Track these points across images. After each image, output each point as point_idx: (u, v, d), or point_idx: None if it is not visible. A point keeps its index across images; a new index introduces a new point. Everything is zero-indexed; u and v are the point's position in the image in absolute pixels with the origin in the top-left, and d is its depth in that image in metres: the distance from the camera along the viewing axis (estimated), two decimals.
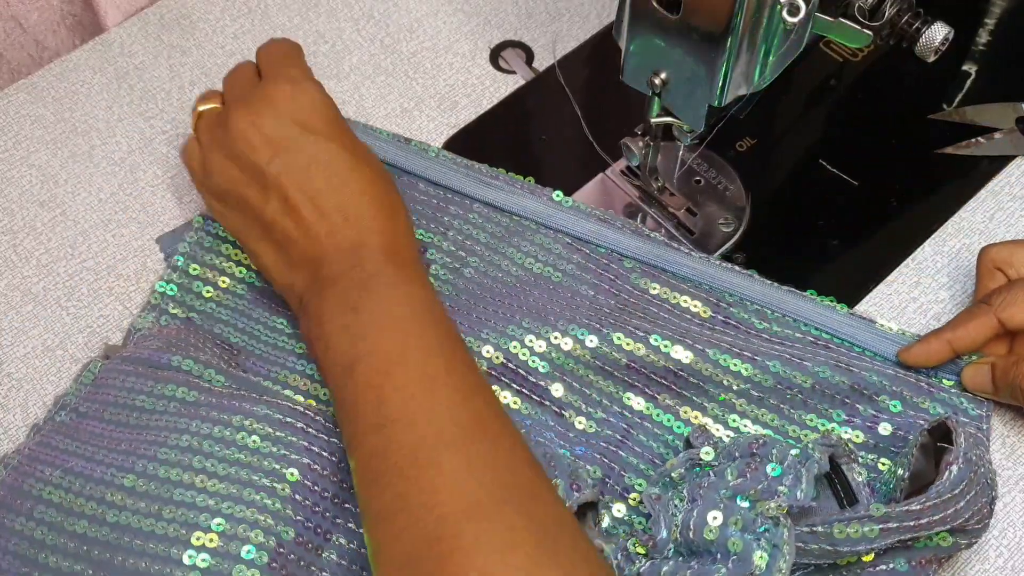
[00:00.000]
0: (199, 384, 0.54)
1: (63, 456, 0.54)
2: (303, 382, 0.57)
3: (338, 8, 0.74)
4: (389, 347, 0.49)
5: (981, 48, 0.70)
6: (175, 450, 0.52)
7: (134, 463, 0.52)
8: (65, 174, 0.67)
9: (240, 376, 0.56)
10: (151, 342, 0.57)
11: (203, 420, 0.53)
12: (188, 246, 0.62)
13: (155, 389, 0.54)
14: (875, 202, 0.64)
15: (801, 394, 0.55)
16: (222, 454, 0.52)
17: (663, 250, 0.60)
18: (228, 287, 0.61)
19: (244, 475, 0.51)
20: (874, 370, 0.55)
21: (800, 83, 0.69)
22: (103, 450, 0.53)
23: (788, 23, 0.49)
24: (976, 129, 0.66)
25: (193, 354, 0.56)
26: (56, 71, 0.71)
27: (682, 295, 0.59)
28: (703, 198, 0.64)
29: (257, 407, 0.53)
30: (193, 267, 0.61)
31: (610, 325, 0.57)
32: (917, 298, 0.61)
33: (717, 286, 0.59)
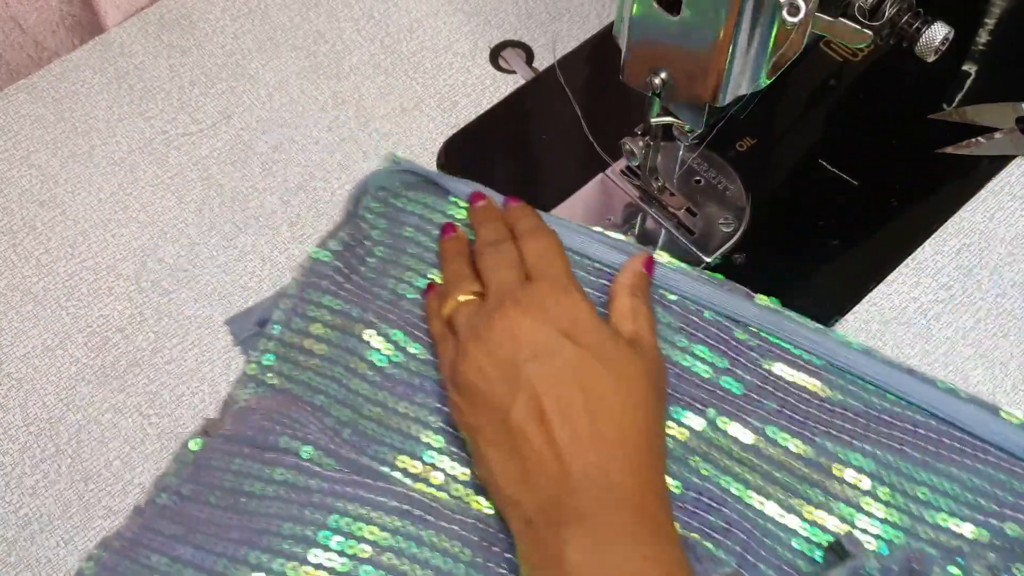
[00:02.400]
0: (309, 468, 0.53)
1: (170, 543, 0.52)
2: (412, 464, 0.55)
3: (338, 8, 0.74)
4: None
5: (981, 48, 0.70)
6: (290, 540, 0.51)
7: (247, 554, 0.51)
8: (65, 174, 0.67)
9: (350, 459, 0.54)
10: (253, 418, 0.55)
11: (316, 508, 0.52)
12: (284, 314, 0.60)
13: (263, 473, 0.53)
14: (875, 202, 0.64)
15: (927, 490, 0.53)
16: (339, 547, 0.51)
17: (778, 318, 0.57)
18: (326, 354, 0.58)
19: (363, 572, 0.50)
20: (1000, 467, 0.53)
21: (800, 83, 0.69)
22: (212, 538, 0.52)
23: (788, 23, 0.49)
24: (976, 129, 0.66)
25: (300, 434, 0.54)
26: (56, 71, 0.71)
27: (799, 371, 0.56)
28: (703, 198, 0.64)
29: (372, 494, 0.52)
30: (291, 337, 0.59)
31: (718, 407, 0.55)
32: (917, 298, 0.61)
33: (839, 363, 0.56)
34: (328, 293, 0.60)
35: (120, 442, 0.58)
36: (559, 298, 0.53)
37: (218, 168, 0.67)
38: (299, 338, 0.59)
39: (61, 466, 0.58)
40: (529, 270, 0.56)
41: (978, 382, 0.59)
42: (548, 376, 0.50)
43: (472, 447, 0.53)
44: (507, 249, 0.57)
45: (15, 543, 0.56)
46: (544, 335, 0.51)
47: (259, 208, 0.66)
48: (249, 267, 0.64)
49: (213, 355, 0.61)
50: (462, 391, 0.53)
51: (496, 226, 0.60)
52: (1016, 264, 0.62)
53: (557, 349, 0.51)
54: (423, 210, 0.62)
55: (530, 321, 0.52)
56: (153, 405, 0.59)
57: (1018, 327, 0.60)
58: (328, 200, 0.66)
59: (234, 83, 0.71)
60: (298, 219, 0.65)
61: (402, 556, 0.51)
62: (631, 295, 0.56)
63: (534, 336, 0.51)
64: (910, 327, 0.60)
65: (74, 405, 0.59)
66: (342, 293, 0.60)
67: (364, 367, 0.57)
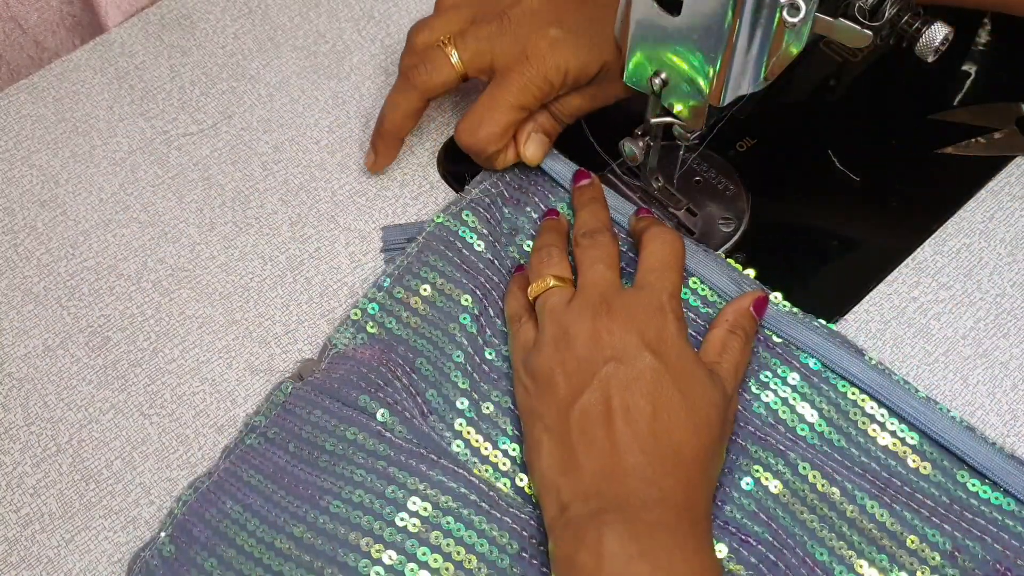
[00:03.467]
0: (381, 433, 0.54)
1: (245, 490, 0.54)
2: (484, 444, 0.56)
3: (338, 8, 0.74)
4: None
5: (981, 48, 0.70)
6: (347, 504, 0.53)
7: (306, 512, 0.53)
8: (66, 174, 0.67)
9: (421, 431, 0.55)
10: (343, 367, 0.57)
11: (379, 476, 0.53)
12: (397, 270, 0.60)
13: (338, 430, 0.55)
14: (875, 202, 0.64)
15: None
16: (391, 517, 0.52)
17: (886, 381, 0.56)
18: (426, 315, 0.59)
19: (409, 546, 0.52)
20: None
21: (800, 83, 0.69)
22: (282, 490, 0.54)
23: (788, 23, 0.49)
24: (976, 129, 0.66)
25: (380, 395, 0.56)
26: (57, 71, 0.71)
27: (895, 438, 0.55)
28: (703, 198, 0.64)
29: (433, 471, 0.53)
30: (398, 290, 0.60)
31: (802, 454, 0.54)
32: (917, 298, 0.61)
33: (939, 439, 0.55)
34: (445, 260, 0.60)
35: (121, 442, 0.58)
36: (652, 313, 0.53)
37: (219, 168, 0.67)
38: (407, 295, 0.60)
39: (62, 466, 0.58)
40: (638, 273, 0.55)
41: (978, 382, 0.59)
42: (621, 380, 0.51)
43: (527, 430, 0.54)
44: (605, 242, 0.57)
45: (16, 543, 0.56)
46: (627, 342, 0.52)
47: (259, 208, 0.66)
48: (249, 267, 0.64)
49: (213, 355, 0.61)
50: (534, 377, 0.53)
51: (596, 212, 0.59)
52: (1016, 264, 0.62)
53: (636, 356, 0.51)
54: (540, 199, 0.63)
55: (617, 327, 0.52)
56: (153, 405, 0.59)
57: (1018, 327, 0.60)
58: (328, 200, 0.66)
59: (235, 83, 0.71)
60: (298, 219, 0.65)
61: (450, 537, 0.52)
62: (728, 330, 0.55)
63: (617, 341, 0.52)
64: (910, 327, 0.60)
65: (75, 405, 0.59)
66: (457, 261, 0.60)
67: (460, 335, 0.58)
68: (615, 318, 0.52)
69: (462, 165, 0.66)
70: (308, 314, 0.62)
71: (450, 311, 0.59)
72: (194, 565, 0.53)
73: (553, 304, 0.55)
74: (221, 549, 0.53)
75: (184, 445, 0.58)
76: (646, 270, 0.55)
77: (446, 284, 0.59)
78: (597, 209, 0.60)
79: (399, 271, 0.60)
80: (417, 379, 0.57)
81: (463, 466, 0.54)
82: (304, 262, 0.64)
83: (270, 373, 0.60)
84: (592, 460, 0.50)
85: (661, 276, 0.55)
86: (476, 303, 0.59)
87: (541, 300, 0.56)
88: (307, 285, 0.63)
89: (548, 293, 0.56)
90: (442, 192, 0.66)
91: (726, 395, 0.53)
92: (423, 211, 0.65)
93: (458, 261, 0.60)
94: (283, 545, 0.52)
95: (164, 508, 0.56)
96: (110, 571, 0.55)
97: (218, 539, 0.53)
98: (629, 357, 0.51)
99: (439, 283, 0.59)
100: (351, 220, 0.65)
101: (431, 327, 0.59)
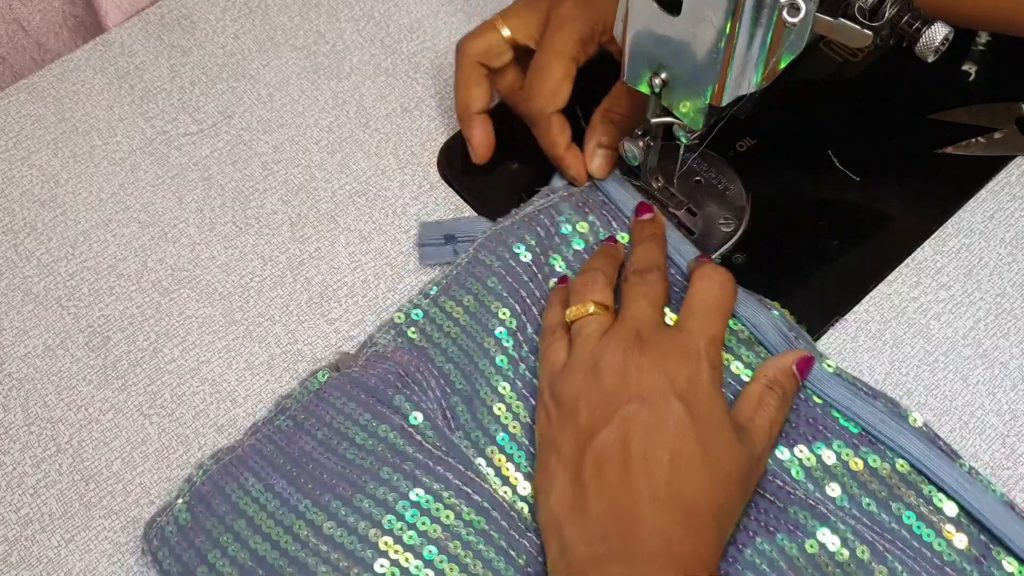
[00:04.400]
0: (412, 435, 0.54)
1: (268, 470, 0.54)
2: (506, 465, 0.55)
3: (338, 8, 0.74)
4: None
5: (981, 48, 0.70)
6: (371, 500, 0.53)
7: (329, 502, 0.53)
8: (66, 174, 0.67)
9: (450, 440, 0.55)
10: (381, 366, 0.57)
11: (405, 476, 0.53)
12: (446, 279, 0.60)
13: (370, 425, 0.55)
14: (875, 202, 0.64)
15: None
16: (412, 520, 0.52)
17: (929, 449, 0.54)
18: (466, 325, 0.58)
19: (427, 552, 0.51)
20: None
21: (800, 83, 0.69)
22: (306, 475, 0.54)
23: (788, 23, 0.49)
24: (976, 129, 0.66)
25: (415, 399, 0.56)
26: (57, 71, 0.71)
27: (935, 516, 0.53)
28: (703, 198, 0.64)
29: (459, 481, 0.53)
30: (443, 299, 0.59)
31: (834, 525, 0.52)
32: (917, 298, 0.61)
33: (980, 517, 0.52)
34: (491, 271, 0.59)
35: (121, 442, 0.58)
36: (687, 358, 0.51)
37: (219, 168, 0.67)
38: (451, 304, 0.59)
39: (62, 466, 0.58)
40: (681, 313, 0.54)
41: (978, 382, 0.59)
42: (644, 423, 0.49)
43: (543, 458, 0.52)
44: (654, 281, 0.55)
45: (16, 543, 0.56)
46: (655, 384, 0.50)
47: (259, 208, 0.66)
48: (249, 267, 0.64)
49: (213, 355, 0.61)
50: (558, 402, 0.52)
51: (653, 250, 0.58)
52: (1016, 264, 0.62)
53: (662, 401, 0.49)
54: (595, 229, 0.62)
55: (647, 365, 0.50)
56: (153, 405, 0.59)
57: (1018, 327, 0.60)
58: (328, 200, 0.66)
59: (235, 83, 0.71)
60: (298, 219, 0.65)
61: (468, 548, 0.52)
62: (767, 386, 0.53)
63: (645, 380, 0.50)
64: (910, 327, 0.60)
65: (75, 405, 0.60)
66: (502, 273, 0.59)
67: (495, 348, 0.58)
68: (647, 356, 0.51)
69: (462, 165, 0.66)
70: (308, 314, 0.62)
71: (487, 323, 0.58)
72: (208, 536, 0.53)
73: (589, 331, 0.53)
74: (238, 525, 0.53)
75: (184, 445, 0.58)
76: (689, 312, 0.54)
77: (487, 296, 0.59)
78: (654, 247, 0.58)
79: (447, 280, 0.60)
80: (449, 391, 0.57)
81: (488, 480, 0.54)
82: (304, 262, 0.64)
83: (270, 373, 0.60)
84: (602, 502, 0.48)
85: (703, 320, 0.53)
86: (515, 317, 0.58)
87: (578, 325, 0.54)
88: (307, 285, 0.63)
89: (587, 320, 0.54)
90: (442, 192, 0.66)
91: (753, 454, 0.51)
92: (423, 211, 0.65)
93: (503, 273, 0.59)
94: (301, 531, 0.52)
95: None
96: (110, 571, 0.55)
97: (235, 514, 0.53)
98: (655, 400, 0.50)
99: (481, 294, 0.59)
100: (351, 220, 0.65)
101: (468, 338, 0.58)
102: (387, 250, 0.64)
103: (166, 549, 0.53)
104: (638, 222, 0.61)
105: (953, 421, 0.57)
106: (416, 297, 0.60)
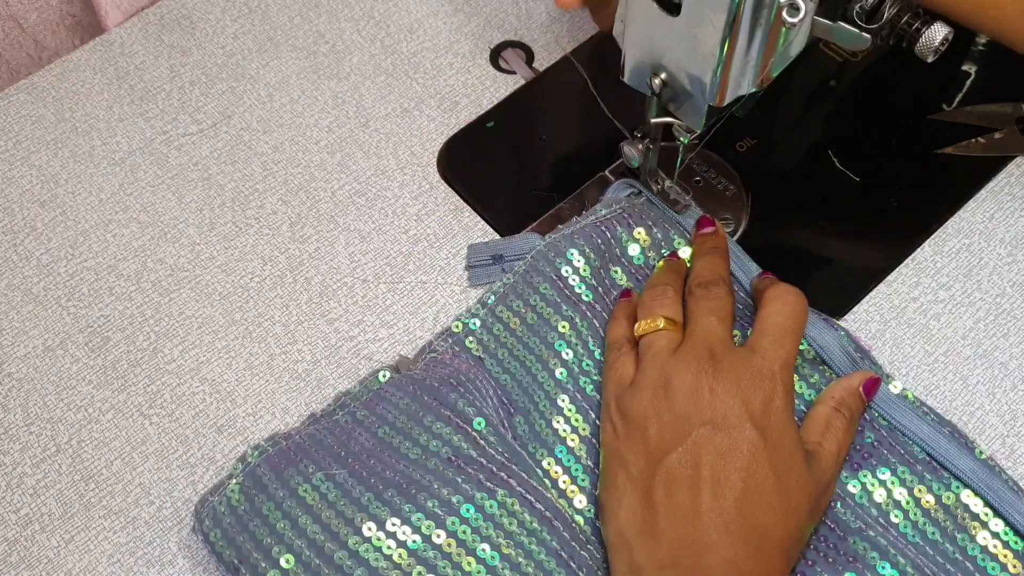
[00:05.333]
0: (476, 439, 0.54)
1: (329, 459, 0.54)
2: (562, 477, 0.55)
3: (338, 8, 0.74)
4: None
5: (981, 48, 0.70)
6: (435, 500, 0.52)
7: (392, 498, 0.52)
8: (65, 174, 0.67)
9: (513, 446, 0.55)
10: (440, 370, 0.57)
11: (469, 480, 0.53)
12: (503, 287, 0.60)
13: (433, 426, 0.55)
14: (875, 202, 0.64)
15: None
16: (476, 524, 0.52)
17: (993, 479, 0.53)
18: (523, 337, 0.58)
19: (490, 558, 0.51)
20: None
21: (800, 83, 0.69)
22: (367, 469, 0.53)
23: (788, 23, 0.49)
24: (976, 129, 0.66)
25: (477, 404, 0.55)
26: (57, 71, 0.71)
27: (998, 542, 0.52)
28: (703, 198, 0.64)
29: (522, 488, 0.53)
30: (500, 309, 0.59)
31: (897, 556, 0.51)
32: (917, 298, 0.61)
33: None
34: (549, 282, 0.58)
35: (121, 442, 0.58)
36: (761, 381, 0.50)
37: (218, 168, 0.67)
38: (508, 314, 0.59)
39: (61, 466, 0.58)
40: (753, 335, 0.53)
41: (978, 382, 0.59)
42: (716, 447, 0.48)
43: (610, 473, 0.52)
44: (720, 295, 0.54)
45: (15, 543, 0.56)
46: (729, 408, 0.49)
47: (259, 208, 0.66)
48: (249, 267, 0.64)
49: (213, 355, 0.61)
50: (626, 418, 0.52)
51: (716, 262, 0.57)
52: (1016, 264, 0.62)
53: (736, 426, 0.49)
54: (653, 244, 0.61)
55: (721, 388, 0.50)
56: (153, 405, 0.59)
57: (1018, 327, 0.60)
58: (328, 200, 0.66)
59: (234, 83, 0.71)
60: (298, 219, 0.65)
61: (530, 558, 0.51)
62: (834, 408, 0.53)
63: (719, 404, 0.49)
64: (910, 327, 0.60)
65: (75, 405, 0.60)
66: (560, 285, 0.58)
67: (554, 361, 0.57)
68: (720, 378, 0.50)
69: (462, 166, 0.66)
70: (308, 314, 0.62)
71: (546, 335, 0.57)
72: (264, 521, 0.52)
73: (659, 348, 0.53)
74: (296, 512, 0.52)
75: (184, 445, 0.58)
76: (762, 333, 0.53)
77: (546, 308, 0.58)
78: (717, 260, 0.57)
79: (504, 289, 0.60)
80: (507, 401, 0.57)
81: (548, 490, 0.54)
82: (304, 262, 0.64)
83: (270, 373, 0.60)
84: (673, 527, 0.48)
85: (776, 342, 0.52)
86: (574, 330, 0.57)
87: (647, 340, 0.54)
88: (307, 285, 0.63)
89: (656, 335, 0.53)
90: (442, 192, 0.66)
91: (823, 481, 0.50)
92: (423, 211, 0.65)
93: (560, 285, 0.58)
94: (363, 524, 0.52)
95: (164, 508, 0.56)
96: (110, 571, 0.55)
97: (294, 500, 0.53)
98: (729, 425, 0.49)
99: (540, 306, 0.58)
100: (351, 220, 0.65)
101: (527, 351, 0.58)
102: (387, 250, 0.64)
103: (218, 530, 0.53)
104: (700, 235, 0.59)
105: (953, 421, 0.57)
106: (474, 306, 0.60)
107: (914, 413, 0.55)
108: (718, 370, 0.50)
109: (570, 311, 0.58)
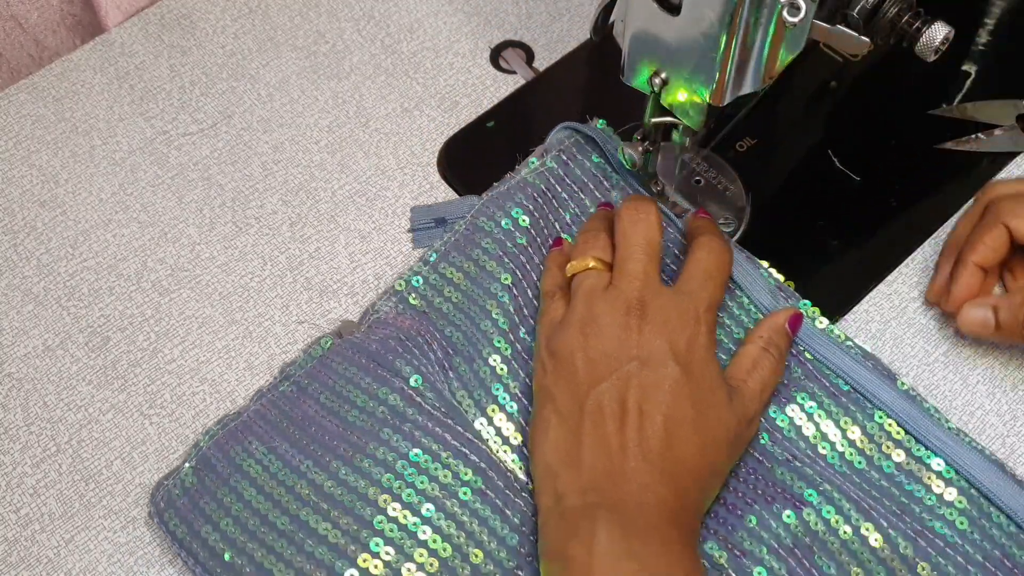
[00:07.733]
0: (412, 396, 0.55)
1: (272, 433, 0.55)
2: (507, 424, 0.56)
3: (338, 8, 0.74)
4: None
5: (981, 48, 0.70)
6: (370, 459, 0.53)
7: (329, 462, 0.54)
8: (66, 174, 0.67)
9: (451, 403, 0.56)
10: (382, 331, 0.58)
11: (404, 437, 0.54)
12: (444, 246, 0.61)
13: (371, 388, 0.55)
14: (875, 202, 0.64)
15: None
16: (411, 478, 0.53)
17: (915, 409, 0.55)
18: (467, 290, 0.59)
19: (425, 510, 0.52)
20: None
21: (800, 83, 0.69)
22: (308, 437, 0.55)
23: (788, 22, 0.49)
24: (977, 125, 0.66)
25: (416, 362, 0.56)
26: (57, 71, 0.71)
27: (921, 466, 0.54)
28: (703, 198, 0.64)
29: (458, 442, 0.54)
30: (443, 266, 0.60)
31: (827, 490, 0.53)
32: (917, 298, 0.61)
33: (966, 473, 0.53)
34: (490, 238, 0.60)
35: (121, 442, 0.58)
36: (686, 322, 0.52)
37: (218, 168, 0.67)
38: (451, 270, 0.60)
39: (61, 466, 0.58)
40: (680, 278, 0.55)
41: (977, 382, 0.59)
42: (641, 382, 0.50)
43: (537, 408, 0.53)
44: (651, 222, 0.55)
45: (16, 543, 0.56)
46: (655, 346, 0.51)
47: (259, 208, 0.66)
48: (249, 267, 0.64)
49: (213, 355, 0.61)
50: (554, 355, 0.53)
51: (647, 206, 0.56)
52: None
53: (660, 363, 0.51)
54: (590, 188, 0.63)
55: (648, 328, 0.52)
56: (153, 405, 0.59)
57: None
58: (328, 200, 0.66)
59: (234, 83, 0.71)
60: (298, 219, 0.65)
61: (465, 507, 0.53)
62: (762, 347, 0.55)
63: (646, 342, 0.51)
64: (910, 327, 0.60)
65: (75, 405, 0.60)
66: (501, 239, 0.60)
67: (497, 311, 0.58)
68: (648, 319, 0.52)
69: (462, 166, 0.66)
70: (308, 314, 0.62)
71: (489, 287, 0.59)
72: (213, 498, 0.54)
73: (589, 286, 0.54)
74: (241, 487, 0.54)
75: (184, 445, 0.58)
76: (688, 277, 0.54)
77: (488, 261, 0.59)
78: (649, 205, 0.56)
79: (446, 247, 0.61)
80: (451, 352, 0.58)
81: (484, 443, 0.55)
82: (304, 262, 0.64)
83: (270, 373, 0.60)
84: (596, 457, 0.50)
85: (702, 285, 0.54)
86: (515, 281, 0.59)
87: (578, 279, 0.55)
88: (307, 285, 0.63)
89: (586, 274, 0.55)
90: (442, 192, 0.66)
91: (745, 417, 0.52)
92: None
93: (502, 238, 0.60)
94: (303, 491, 0.53)
95: None
96: (110, 571, 0.55)
97: (239, 476, 0.54)
98: (654, 362, 0.51)
99: (482, 260, 0.60)
100: (351, 220, 0.65)
101: (470, 303, 0.59)
102: (387, 250, 0.64)
103: (172, 511, 0.54)
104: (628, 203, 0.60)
105: (953, 421, 0.57)
106: (416, 264, 0.61)
107: (838, 347, 0.57)
108: (646, 311, 0.52)
109: (512, 263, 0.59)
